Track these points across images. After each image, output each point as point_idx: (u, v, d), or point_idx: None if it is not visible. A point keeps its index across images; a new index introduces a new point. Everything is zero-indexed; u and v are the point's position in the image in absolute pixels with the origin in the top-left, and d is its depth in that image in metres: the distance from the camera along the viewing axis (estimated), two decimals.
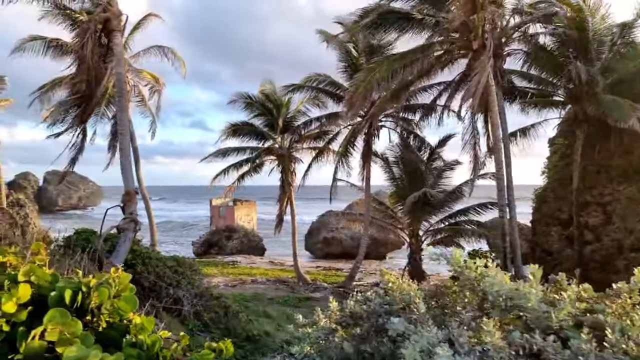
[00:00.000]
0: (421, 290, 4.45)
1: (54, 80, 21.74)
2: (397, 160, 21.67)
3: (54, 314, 1.35)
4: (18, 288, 1.41)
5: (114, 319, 1.56)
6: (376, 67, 14.17)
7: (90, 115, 11.15)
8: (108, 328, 1.54)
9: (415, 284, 3.71)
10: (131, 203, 9.86)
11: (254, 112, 22.93)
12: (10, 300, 1.37)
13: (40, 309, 1.41)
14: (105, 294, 1.52)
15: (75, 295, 1.47)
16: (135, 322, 1.59)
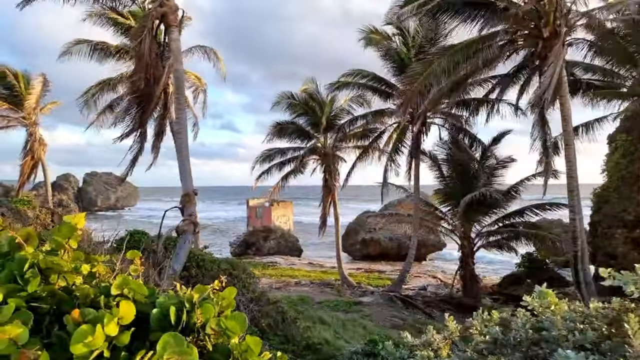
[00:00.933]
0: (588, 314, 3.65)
1: (100, 83, 21.88)
2: (447, 158, 20.67)
3: (168, 339, 1.19)
4: (120, 306, 1.25)
5: (219, 340, 1.40)
6: (435, 60, 13.34)
7: (150, 114, 10.84)
8: (212, 351, 1.38)
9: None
10: (190, 204, 9.43)
11: (297, 111, 22.43)
12: (112, 321, 1.20)
13: (140, 329, 1.27)
14: (211, 311, 1.37)
15: (180, 313, 1.33)
16: (240, 343, 1.40)
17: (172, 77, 9.68)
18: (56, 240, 1.61)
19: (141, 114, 10.26)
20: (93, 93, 21.86)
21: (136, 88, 9.84)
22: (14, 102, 28.38)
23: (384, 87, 20.15)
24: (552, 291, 13.34)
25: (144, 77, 9.76)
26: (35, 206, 19.81)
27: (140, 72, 9.73)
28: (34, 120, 29.08)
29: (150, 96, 9.99)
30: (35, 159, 28.62)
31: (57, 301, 1.39)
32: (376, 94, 20.22)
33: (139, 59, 9.74)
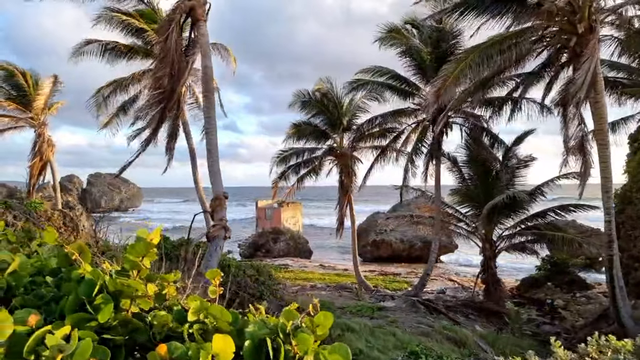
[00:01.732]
0: None
1: (111, 83, 21.44)
2: (468, 159, 20.16)
3: None
4: (214, 341, 1.07)
5: None
6: (466, 56, 12.84)
7: (171, 112, 10.41)
8: None
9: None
10: (221, 208, 8.97)
11: (312, 111, 21.95)
12: (207, 358, 1.03)
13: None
14: (309, 342, 1.16)
15: (276, 345, 1.14)
16: None
17: (201, 73, 9.21)
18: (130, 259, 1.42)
19: (162, 111, 9.81)
20: (104, 94, 21.44)
21: (159, 84, 9.38)
22: (22, 102, 27.97)
23: (404, 85, 19.67)
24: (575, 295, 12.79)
25: (168, 73, 9.30)
26: (46, 209, 19.38)
27: (165, 68, 9.29)
28: (42, 121, 28.67)
29: (172, 92, 9.54)
30: (44, 160, 28.20)
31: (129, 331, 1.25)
32: (395, 93, 19.71)
33: (164, 54, 9.29)
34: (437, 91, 12.95)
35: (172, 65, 9.19)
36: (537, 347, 15.51)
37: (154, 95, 9.59)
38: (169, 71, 9.20)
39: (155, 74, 9.55)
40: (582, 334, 17.07)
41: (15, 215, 17.53)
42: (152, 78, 9.70)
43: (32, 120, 28.37)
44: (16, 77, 27.72)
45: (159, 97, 9.49)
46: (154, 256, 1.51)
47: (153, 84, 9.72)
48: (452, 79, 12.74)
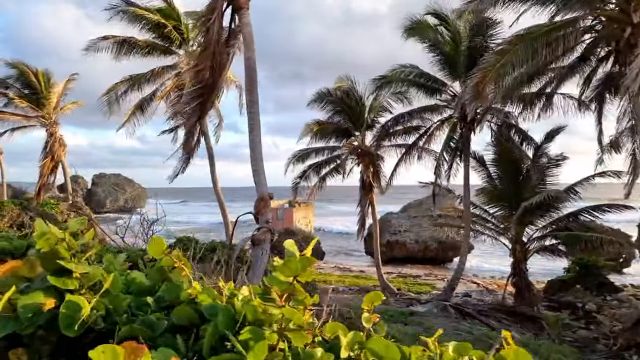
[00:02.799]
0: None
1: (125, 80, 20.78)
2: (497, 157, 19.44)
3: None
4: None
5: None
6: (510, 48, 12.16)
7: (210, 107, 9.74)
8: None
9: None
10: (266, 210, 8.32)
11: (333, 109, 21.29)
12: None
13: None
14: None
15: None
16: None
17: (244, 66, 8.56)
18: (279, 280, 1.21)
19: (201, 106, 9.17)
20: (117, 91, 20.77)
21: (201, 78, 8.74)
22: (33, 101, 27.42)
23: (430, 82, 18.99)
24: (605, 298, 11.91)
25: (209, 66, 8.65)
26: (62, 210, 18.80)
27: (206, 61, 8.64)
28: (54, 120, 28.11)
29: (213, 86, 8.90)
30: (55, 160, 27.62)
31: None
32: (422, 89, 19.03)
33: (205, 46, 8.65)
34: (477, 85, 12.25)
35: (214, 57, 8.55)
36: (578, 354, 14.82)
37: (193, 90, 8.94)
38: (209, 64, 8.55)
39: (195, 67, 8.90)
40: (622, 339, 16.36)
41: (31, 216, 16.94)
42: (193, 71, 9.05)
43: (44, 119, 27.81)
44: (28, 76, 27.16)
45: (199, 91, 8.84)
46: (310, 276, 1.25)
47: (193, 77, 9.07)
48: (494, 72, 12.05)
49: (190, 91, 9.13)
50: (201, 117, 9.65)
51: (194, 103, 9.00)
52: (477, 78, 12.35)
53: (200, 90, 8.86)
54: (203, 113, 9.59)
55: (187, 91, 9.47)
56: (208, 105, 9.43)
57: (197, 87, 8.81)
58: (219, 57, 8.65)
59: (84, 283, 1.26)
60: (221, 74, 8.93)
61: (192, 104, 9.04)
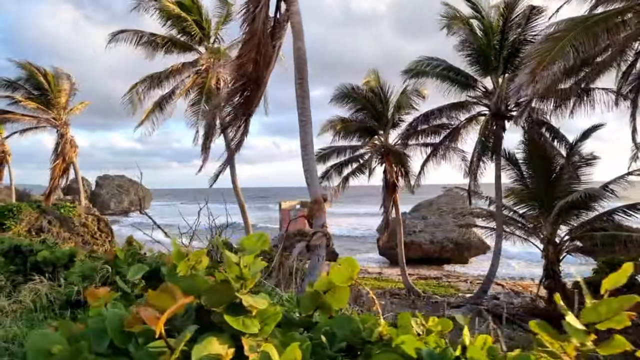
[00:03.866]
0: None
1: (146, 79, 20.13)
2: (529, 155, 18.74)
3: None
4: None
5: None
6: (565, 35, 11.47)
7: (257, 104, 9.08)
8: None
9: None
10: (321, 212, 7.65)
11: (356, 106, 20.60)
12: None
13: None
14: None
15: None
16: None
17: (293, 57, 7.88)
18: None
19: (246, 102, 8.49)
20: (138, 90, 20.13)
21: (243, 71, 8.07)
22: (43, 102, 26.79)
23: (460, 77, 18.31)
24: None
25: (253, 59, 7.98)
26: (80, 213, 18.17)
27: (250, 53, 7.98)
28: (64, 121, 27.47)
29: (258, 81, 8.22)
30: (67, 161, 26.98)
31: None
32: (454, 84, 18.32)
33: (249, 36, 7.97)
34: (532, 71, 11.52)
35: (259, 49, 7.88)
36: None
37: (236, 86, 8.27)
38: (254, 56, 7.88)
39: (238, 60, 8.23)
40: None
41: (49, 220, 16.33)
42: (235, 65, 8.37)
43: (55, 120, 27.18)
44: (37, 76, 26.53)
45: (242, 86, 8.17)
46: None
47: (236, 72, 8.39)
48: (551, 57, 11.33)
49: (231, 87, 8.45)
50: (247, 114, 8.95)
51: (235, 99, 8.32)
52: (533, 64, 11.64)
53: (242, 86, 8.19)
54: (249, 109, 8.89)
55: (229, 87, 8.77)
56: (255, 102, 8.75)
57: (239, 82, 8.14)
58: (264, 49, 7.97)
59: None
60: (267, 67, 8.25)
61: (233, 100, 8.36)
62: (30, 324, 3.58)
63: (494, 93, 17.53)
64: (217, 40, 20.62)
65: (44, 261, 6.54)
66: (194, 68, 19.88)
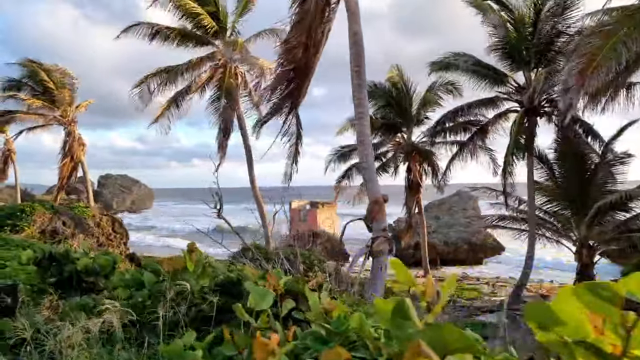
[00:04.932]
0: None
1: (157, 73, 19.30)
2: (561, 154, 17.95)
3: None
4: None
5: None
6: (617, 29, 10.69)
7: (305, 93, 8.26)
8: None
9: None
10: (382, 215, 6.84)
11: (379, 102, 19.78)
12: None
13: None
14: None
15: None
16: None
17: (349, 42, 7.08)
18: None
19: (294, 91, 7.69)
20: (149, 84, 19.30)
21: (292, 57, 7.26)
22: (48, 99, 25.99)
23: (491, 72, 17.51)
24: None
25: (303, 43, 7.18)
26: (94, 213, 17.38)
27: (301, 36, 7.18)
28: (71, 118, 26.66)
29: (307, 68, 7.43)
30: (75, 160, 26.18)
31: None
32: (484, 79, 17.49)
33: (300, 18, 7.19)
34: (581, 72, 10.75)
35: (309, 32, 7.08)
36: None
37: (285, 72, 7.47)
38: (304, 41, 7.08)
39: (287, 44, 7.42)
40: None
41: (64, 221, 15.52)
42: (284, 49, 7.57)
43: (62, 117, 26.38)
44: (39, 74, 25.71)
45: (288, 74, 7.38)
46: None
47: (284, 57, 7.57)
48: (601, 61, 10.56)
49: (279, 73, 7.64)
50: (295, 103, 8.14)
51: (286, 88, 7.52)
52: (581, 65, 10.84)
53: (289, 73, 7.39)
54: (297, 98, 8.08)
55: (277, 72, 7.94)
56: (303, 90, 7.96)
57: (286, 69, 7.34)
58: (315, 33, 7.17)
59: None
60: (316, 53, 7.46)
61: (285, 88, 7.55)
62: None
63: (527, 88, 16.73)
64: (234, 33, 19.82)
65: (86, 270, 5.75)
66: (211, 62, 19.07)
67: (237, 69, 19.32)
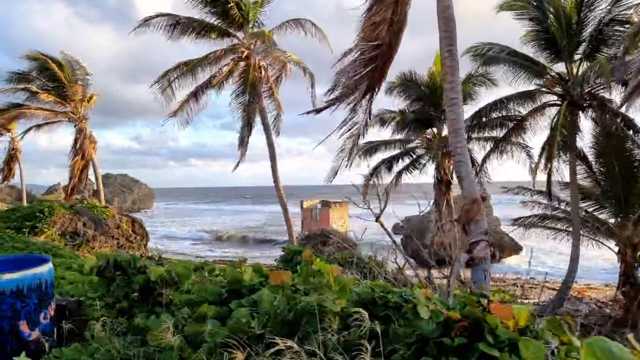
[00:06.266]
0: None
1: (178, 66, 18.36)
2: (603, 150, 17.09)
3: None
4: None
5: None
6: None
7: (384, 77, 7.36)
8: None
9: None
10: (480, 216, 5.95)
11: (412, 95, 18.91)
12: None
13: None
14: None
15: None
16: None
17: (438, 18, 6.19)
18: None
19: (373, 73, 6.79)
20: (170, 78, 18.37)
21: (376, 35, 6.37)
22: (60, 94, 25.03)
23: (531, 63, 16.65)
24: None
25: (388, 19, 6.28)
26: (113, 214, 16.43)
27: (386, 11, 6.28)
28: (82, 115, 25.71)
29: (390, 48, 6.54)
30: (86, 158, 25.25)
31: None
32: (524, 71, 16.63)
33: None
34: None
35: (395, 7, 6.20)
36: None
37: (364, 50, 6.56)
38: (389, 16, 6.19)
39: (370, 20, 6.52)
40: None
41: (84, 222, 14.59)
42: (366, 26, 6.65)
43: (72, 114, 25.42)
44: (51, 67, 24.74)
45: (372, 53, 6.48)
46: None
47: (366, 34, 6.66)
48: None
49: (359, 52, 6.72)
50: (374, 86, 7.23)
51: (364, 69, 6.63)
52: None
53: (373, 51, 6.50)
54: (377, 81, 7.18)
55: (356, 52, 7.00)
56: (386, 73, 7.07)
57: (369, 47, 6.43)
58: (401, 8, 6.28)
59: None
60: (400, 31, 6.58)
61: (362, 69, 6.66)
62: None
63: (574, 81, 15.88)
64: (256, 24, 18.90)
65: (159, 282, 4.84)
66: (234, 55, 18.15)
67: (261, 61, 18.42)
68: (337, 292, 3.28)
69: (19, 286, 3.72)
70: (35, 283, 3.82)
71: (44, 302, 3.93)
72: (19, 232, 12.41)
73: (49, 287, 3.99)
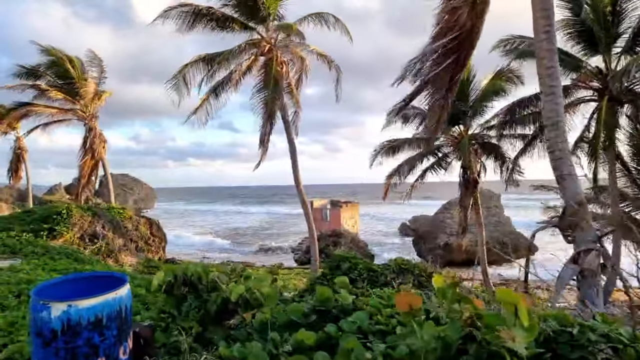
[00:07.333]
0: None
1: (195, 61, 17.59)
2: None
3: None
4: None
5: None
6: None
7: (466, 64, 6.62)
8: None
9: None
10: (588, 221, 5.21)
11: None
12: None
13: None
14: None
15: None
16: None
17: None
18: None
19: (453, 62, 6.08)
20: (185, 74, 17.60)
21: (455, 20, 5.65)
22: (69, 92, 24.22)
23: (567, 57, 15.94)
24: None
25: (470, 2, 5.55)
26: (130, 216, 15.68)
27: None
28: (92, 113, 24.92)
29: (471, 34, 5.82)
30: (96, 157, 24.47)
31: None
32: (562, 65, 15.86)
33: None
34: None
35: None
36: None
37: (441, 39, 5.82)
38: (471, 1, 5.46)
39: (450, 4, 5.79)
40: None
41: (103, 224, 13.83)
42: (446, 10, 5.92)
43: (82, 112, 24.63)
44: (63, 63, 23.93)
45: (453, 40, 5.76)
46: None
47: (448, 19, 5.92)
48: None
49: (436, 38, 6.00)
50: (452, 79, 6.52)
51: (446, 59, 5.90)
52: None
53: (455, 39, 5.78)
54: (457, 71, 6.47)
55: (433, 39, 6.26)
56: (467, 62, 6.35)
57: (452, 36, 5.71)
58: None
59: None
60: (482, 16, 5.86)
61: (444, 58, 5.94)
62: None
63: (613, 75, 15.16)
64: (277, 17, 18.15)
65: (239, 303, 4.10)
66: (255, 49, 17.40)
67: (282, 56, 17.69)
68: (527, 328, 2.49)
69: (98, 315, 2.92)
70: (116, 310, 3.04)
71: (124, 333, 3.15)
72: (36, 235, 11.66)
73: (129, 314, 3.21)
